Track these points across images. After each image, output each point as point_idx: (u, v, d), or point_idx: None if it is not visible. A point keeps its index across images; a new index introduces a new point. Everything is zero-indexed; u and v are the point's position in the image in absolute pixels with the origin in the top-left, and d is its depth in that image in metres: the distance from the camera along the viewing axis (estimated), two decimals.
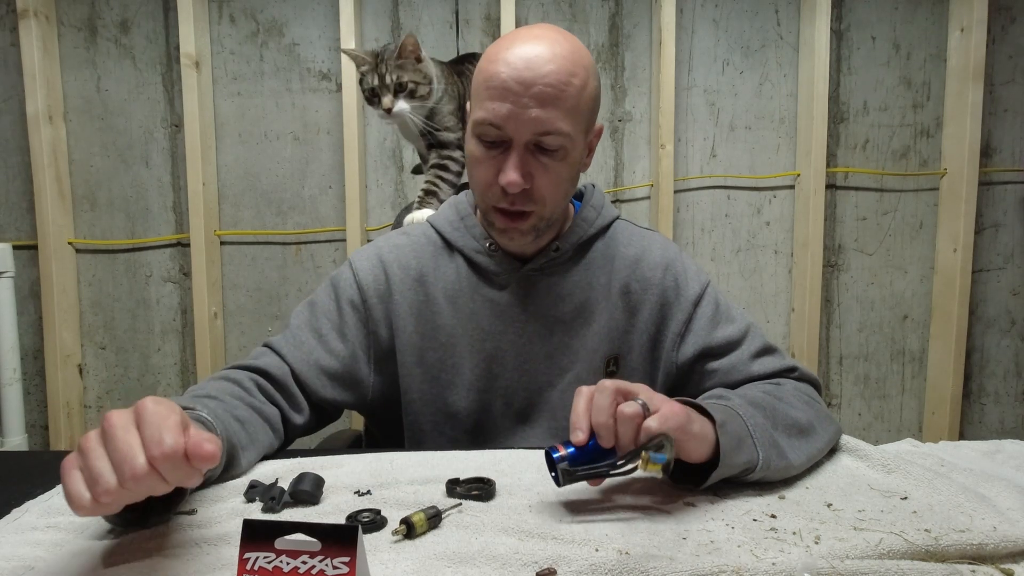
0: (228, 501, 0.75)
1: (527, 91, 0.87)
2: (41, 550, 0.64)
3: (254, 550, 0.52)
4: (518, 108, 0.88)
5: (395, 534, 0.65)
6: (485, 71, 0.90)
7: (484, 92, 0.90)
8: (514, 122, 0.88)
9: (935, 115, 2.13)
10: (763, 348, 1.00)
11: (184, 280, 2.08)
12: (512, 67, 0.88)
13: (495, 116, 0.89)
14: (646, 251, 1.04)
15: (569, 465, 0.70)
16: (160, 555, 0.63)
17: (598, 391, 0.70)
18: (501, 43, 0.92)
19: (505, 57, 0.89)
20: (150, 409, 0.54)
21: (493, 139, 0.91)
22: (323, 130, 2.06)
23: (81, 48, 2.03)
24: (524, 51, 0.89)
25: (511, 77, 0.88)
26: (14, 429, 1.95)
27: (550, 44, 0.90)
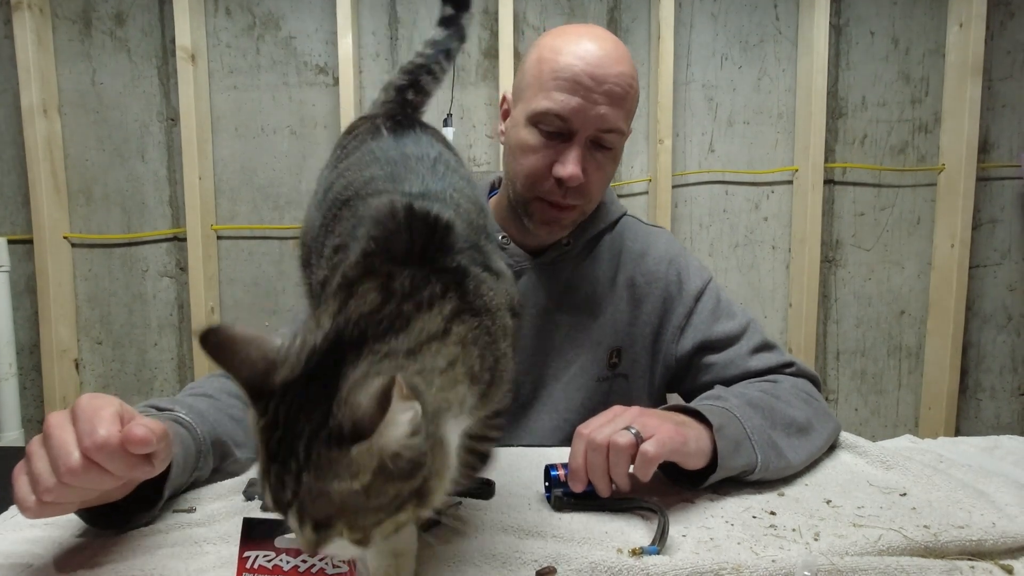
0: (227, 499, 0.75)
1: (599, 87, 0.89)
2: (39, 548, 0.64)
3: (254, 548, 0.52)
4: (588, 103, 0.89)
5: None
6: (552, 61, 0.91)
7: (552, 83, 0.90)
8: (582, 116, 0.90)
9: (933, 110, 2.13)
10: (762, 344, 1.00)
11: (181, 275, 2.08)
12: (585, 62, 0.89)
13: (563, 107, 0.89)
14: (651, 246, 1.05)
15: (563, 494, 0.72)
16: (159, 553, 0.62)
17: (591, 449, 0.71)
18: (563, 37, 0.93)
19: (575, 51, 0.90)
20: (84, 404, 0.55)
21: (554, 130, 0.91)
22: (320, 124, 2.05)
23: (76, 41, 2.01)
24: (594, 48, 0.90)
25: (584, 71, 0.89)
26: (10, 424, 1.94)
27: (615, 45, 0.93)
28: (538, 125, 0.92)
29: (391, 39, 2.05)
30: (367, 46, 2.04)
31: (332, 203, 0.64)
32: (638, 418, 0.72)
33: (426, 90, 0.83)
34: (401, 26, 2.04)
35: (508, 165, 0.99)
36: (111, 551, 0.63)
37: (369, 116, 0.76)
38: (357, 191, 0.62)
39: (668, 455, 0.70)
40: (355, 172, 0.65)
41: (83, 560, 0.61)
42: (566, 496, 0.72)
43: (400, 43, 2.04)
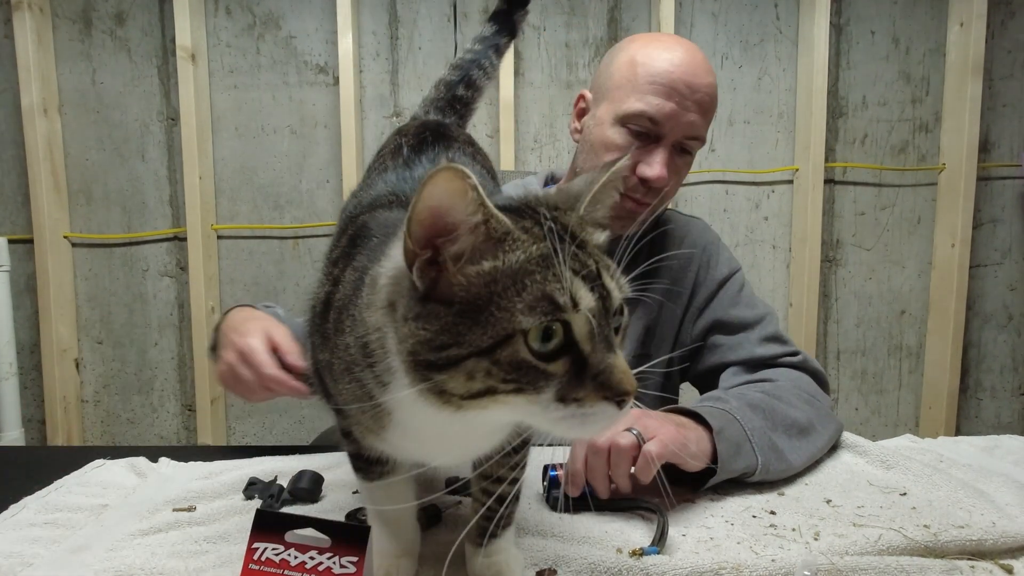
0: (228, 498, 0.75)
1: (692, 95, 0.94)
2: (39, 547, 0.64)
3: (263, 541, 0.52)
4: (681, 109, 0.94)
5: None
6: (648, 65, 0.95)
7: (647, 86, 0.94)
8: (674, 121, 0.94)
9: (934, 110, 2.12)
10: (774, 335, 1.01)
11: (181, 274, 2.07)
12: (682, 70, 0.94)
13: (657, 111, 0.93)
14: (689, 233, 1.10)
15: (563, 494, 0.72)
16: (159, 552, 0.62)
17: (591, 453, 0.71)
18: (656, 43, 0.98)
19: (670, 58, 0.94)
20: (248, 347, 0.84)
21: (643, 131, 0.95)
22: (320, 124, 2.05)
23: (76, 41, 2.01)
24: (688, 58, 0.95)
25: (681, 79, 0.93)
26: (11, 423, 1.94)
27: (704, 57, 0.97)
28: (627, 125, 0.95)
29: (391, 39, 2.04)
30: (367, 46, 2.04)
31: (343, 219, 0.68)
32: (639, 420, 0.72)
33: (477, 85, 0.85)
34: (401, 26, 2.04)
35: (586, 163, 1.02)
36: (111, 550, 0.63)
37: (401, 130, 0.76)
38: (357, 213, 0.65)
39: (670, 456, 0.70)
40: (364, 193, 0.68)
41: (83, 559, 0.61)
42: (565, 496, 0.72)
43: (400, 43, 2.04)
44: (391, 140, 0.74)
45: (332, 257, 0.59)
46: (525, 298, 0.40)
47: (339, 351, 0.51)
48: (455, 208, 0.41)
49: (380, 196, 0.63)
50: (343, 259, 0.56)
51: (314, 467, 0.79)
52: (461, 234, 0.42)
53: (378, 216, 0.58)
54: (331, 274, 0.56)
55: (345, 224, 0.62)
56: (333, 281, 0.55)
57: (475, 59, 0.84)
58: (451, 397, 0.42)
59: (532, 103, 2.07)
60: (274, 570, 0.51)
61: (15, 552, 0.62)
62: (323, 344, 0.54)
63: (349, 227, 0.60)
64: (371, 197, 0.64)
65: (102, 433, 2.12)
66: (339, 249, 0.58)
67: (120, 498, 0.76)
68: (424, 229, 0.41)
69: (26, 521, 0.69)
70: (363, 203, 0.64)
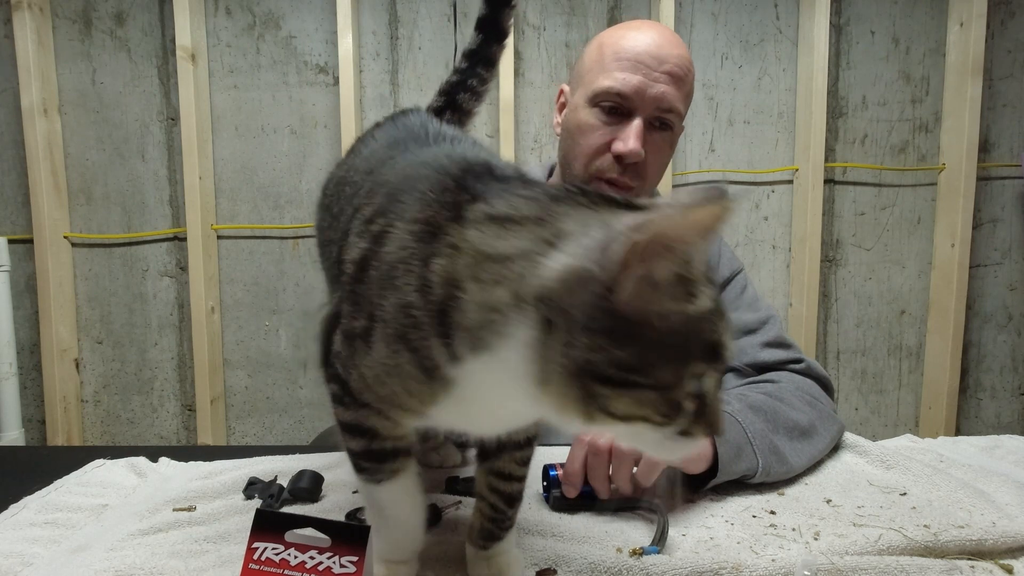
0: (227, 498, 0.75)
1: (659, 66, 0.93)
2: (39, 547, 0.64)
3: (263, 540, 0.52)
4: (649, 80, 0.93)
5: None
6: (612, 45, 0.95)
7: (613, 63, 0.93)
8: (642, 93, 0.93)
9: (934, 110, 2.12)
10: (777, 340, 1.00)
11: (181, 274, 2.07)
12: (646, 43, 0.94)
13: (624, 85, 0.93)
14: None
15: (562, 494, 0.72)
16: (159, 552, 0.62)
17: (592, 454, 0.71)
18: (624, 26, 0.99)
19: (635, 36, 0.94)
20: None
21: (614, 106, 0.94)
22: (320, 124, 2.05)
23: (76, 40, 2.01)
24: (654, 33, 0.96)
25: (646, 51, 0.93)
26: (11, 424, 1.94)
27: (672, 34, 0.98)
28: (599, 104, 0.95)
29: (391, 39, 2.04)
30: (367, 46, 2.04)
31: (337, 188, 0.70)
32: None
33: (464, 108, 0.82)
34: (401, 26, 2.04)
35: (566, 150, 1.01)
36: (111, 550, 0.63)
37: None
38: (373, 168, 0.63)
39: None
40: (361, 159, 0.68)
41: (83, 559, 0.61)
42: (564, 495, 0.72)
43: (400, 43, 2.04)
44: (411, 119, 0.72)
45: (365, 215, 0.54)
46: (703, 345, 0.41)
47: (388, 315, 0.46)
48: (701, 240, 0.39)
49: (426, 161, 0.57)
50: (383, 215, 0.51)
51: (314, 467, 0.79)
52: (679, 264, 0.40)
53: (438, 180, 0.52)
54: (367, 232, 0.51)
55: (372, 183, 0.57)
56: (373, 238, 0.50)
57: (460, 80, 0.81)
58: (601, 412, 0.41)
59: (532, 103, 2.07)
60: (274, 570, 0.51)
61: (15, 552, 0.62)
62: (357, 309, 0.49)
63: (378, 186, 0.56)
64: (411, 160, 0.59)
65: (102, 433, 2.12)
66: (373, 206, 0.53)
67: (120, 498, 0.76)
68: (661, 246, 0.38)
69: (26, 521, 0.69)
70: (393, 166, 0.60)
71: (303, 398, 2.11)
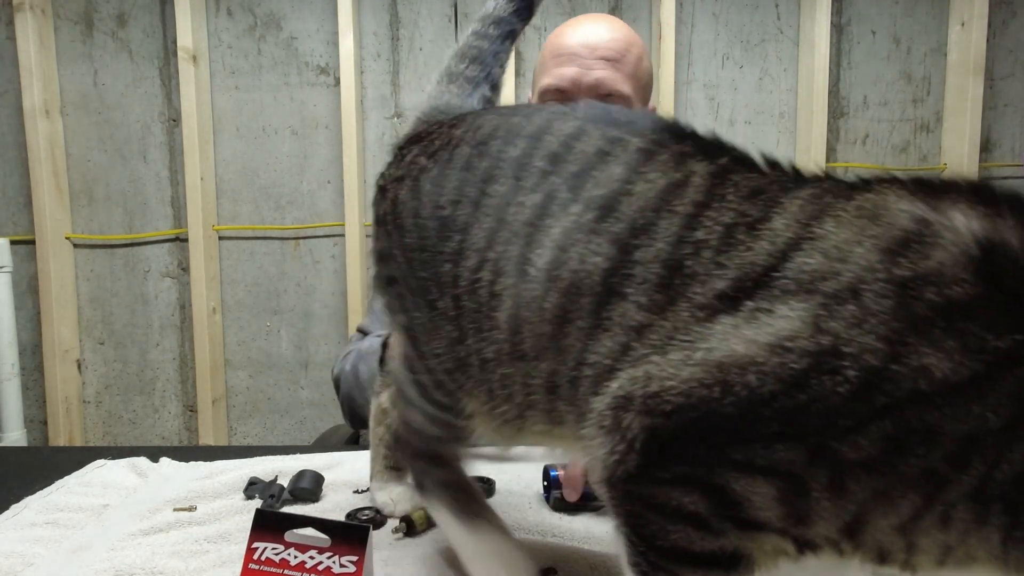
0: (228, 498, 0.75)
1: (592, 54, 0.94)
2: (40, 547, 0.64)
3: (263, 540, 0.52)
4: (584, 70, 0.94)
5: (396, 532, 0.65)
6: (552, 44, 0.97)
7: (551, 62, 0.95)
8: (577, 84, 0.94)
9: (935, 110, 2.12)
10: None
11: (182, 275, 2.08)
12: (578, 35, 0.96)
13: (561, 79, 0.94)
14: None
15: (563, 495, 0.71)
16: (160, 551, 0.63)
17: None
18: (565, 24, 1.00)
19: (570, 31, 0.96)
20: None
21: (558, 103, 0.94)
22: (321, 124, 2.05)
23: (77, 42, 2.02)
24: (588, 24, 0.98)
25: (577, 43, 0.95)
26: (13, 424, 1.94)
27: (610, 21, 0.99)
28: (545, 103, 0.95)
29: (392, 40, 2.05)
30: (368, 46, 2.04)
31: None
32: None
33: (496, 87, 0.72)
34: (402, 26, 2.05)
35: None
36: (112, 550, 0.63)
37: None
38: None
39: None
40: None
41: (84, 559, 0.61)
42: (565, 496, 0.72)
43: (401, 43, 2.05)
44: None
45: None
46: None
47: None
48: None
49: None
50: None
51: (315, 467, 0.79)
52: None
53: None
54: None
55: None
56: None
57: (494, 50, 0.69)
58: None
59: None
60: (274, 570, 0.51)
61: (16, 552, 0.62)
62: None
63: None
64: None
65: (104, 434, 2.12)
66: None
67: (121, 498, 0.76)
68: None
69: (27, 521, 0.69)
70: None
71: (304, 399, 2.11)
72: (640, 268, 0.41)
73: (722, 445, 0.37)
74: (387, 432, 0.73)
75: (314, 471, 0.76)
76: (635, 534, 0.41)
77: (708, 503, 0.38)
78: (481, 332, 0.48)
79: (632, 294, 0.41)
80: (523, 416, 0.49)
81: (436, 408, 0.56)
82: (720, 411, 0.36)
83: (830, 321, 0.35)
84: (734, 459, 0.37)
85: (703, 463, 0.38)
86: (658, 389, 0.38)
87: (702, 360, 0.37)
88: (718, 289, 0.39)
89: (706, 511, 0.38)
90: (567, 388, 0.45)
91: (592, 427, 0.41)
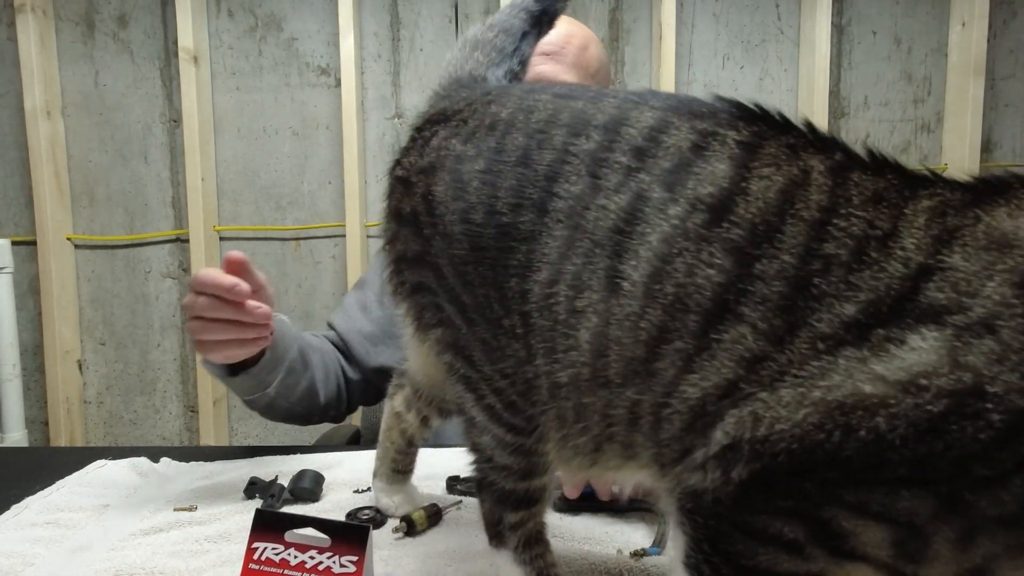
0: (228, 498, 0.75)
1: (537, 53, 0.95)
2: (40, 547, 0.64)
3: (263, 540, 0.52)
4: (529, 71, 0.95)
5: (396, 531, 0.65)
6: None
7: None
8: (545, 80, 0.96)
9: (936, 110, 2.12)
10: None
11: (183, 276, 2.08)
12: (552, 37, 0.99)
13: (538, 76, 0.96)
14: None
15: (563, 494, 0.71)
16: (160, 551, 0.63)
17: None
18: None
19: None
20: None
21: None
22: (322, 125, 2.06)
23: (79, 43, 2.02)
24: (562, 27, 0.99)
25: (550, 42, 0.96)
26: (14, 425, 1.94)
27: (563, 22, 0.99)
28: None
29: (393, 40, 2.05)
30: (369, 47, 2.05)
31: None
32: None
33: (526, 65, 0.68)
34: (403, 27, 2.05)
35: None
36: (112, 549, 0.63)
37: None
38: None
39: None
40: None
41: (84, 559, 0.62)
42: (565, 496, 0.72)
43: (402, 44, 2.05)
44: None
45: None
46: None
47: None
48: None
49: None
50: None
51: (315, 467, 0.79)
52: None
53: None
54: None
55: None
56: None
57: (525, 32, 0.66)
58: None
59: None
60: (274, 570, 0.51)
61: (16, 552, 0.62)
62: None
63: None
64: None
65: (105, 434, 2.13)
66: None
67: (121, 498, 0.76)
68: None
69: (28, 521, 0.69)
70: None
71: None
72: (760, 284, 0.36)
73: (835, 485, 0.33)
74: (401, 437, 0.71)
75: (314, 471, 0.76)
76: (712, 547, 0.37)
77: (808, 532, 0.35)
78: (554, 354, 0.42)
79: (748, 315, 0.35)
80: (599, 449, 0.44)
81: (508, 432, 0.49)
82: (838, 456, 0.32)
83: (968, 356, 0.31)
84: (847, 500, 0.33)
85: (810, 499, 0.34)
86: (767, 433, 0.34)
87: (820, 400, 0.33)
88: (846, 316, 0.34)
89: (804, 539, 0.35)
90: (649, 421, 0.40)
91: (685, 471, 0.38)
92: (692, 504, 0.38)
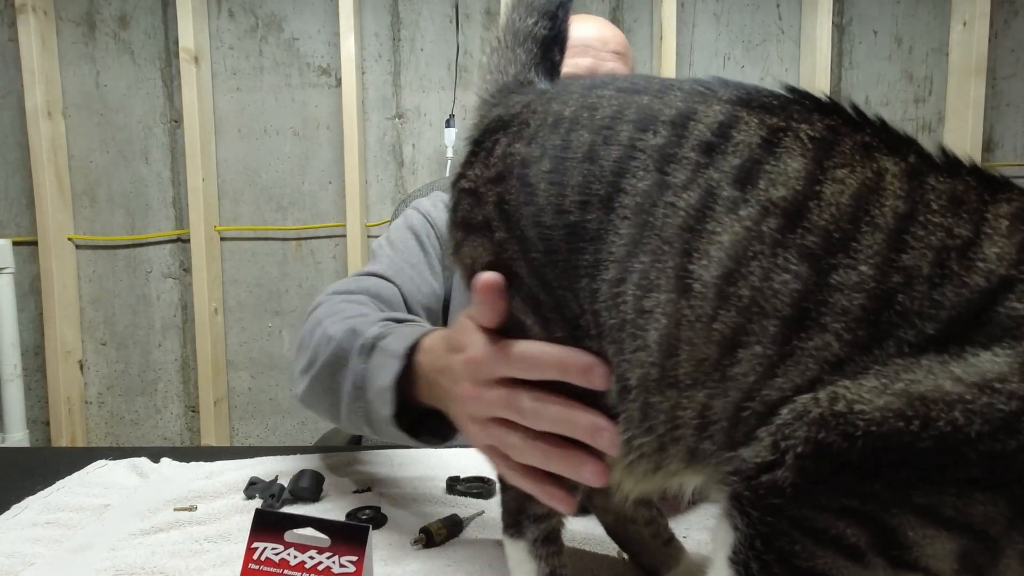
0: (228, 498, 0.75)
1: (605, 47, 0.99)
2: (41, 547, 0.64)
3: (263, 540, 0.52)
4: (598, 61, 0.98)
5: (415, 544, 0.65)
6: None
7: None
8: (594, 73, 0.97)
9: (937, 110, 2.12)
10: None
11: (184, 276, 2.08)
12: (587, 30, 1.00)
13: (576, 69, 0.96)
14: None
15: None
16: (160, 551, 0.63)
17: None
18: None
19: (579, 26, 0.98)
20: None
21: None
22: (323, 125, 2.06)
23: (80, 43, 2.02)
24: (592, 22, 1.03)
25: (591, 36, 0.99)
26: (15, 425, 1.95)
27: (606, 21, 1.07)
28: None
29: (393, 40, 2.05)
30: (369, 47, 2.05)
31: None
32: None
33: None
34: (403, 27, 2.05)
35: None
36: (112, 549, 0.63)
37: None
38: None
39: None
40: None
41: (85, 558, 0.62)
42: None
43: (403, 44, 2.05)
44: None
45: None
46: None
47: None
48: None
49: None
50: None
51: (315, 467, 0.79)
52: None
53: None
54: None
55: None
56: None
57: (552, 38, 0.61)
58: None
59: None
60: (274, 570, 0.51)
61: (17, 552, 0.62)
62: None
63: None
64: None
65: (106, 434, 2.13)
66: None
67: (122, 498, 0.76)
68: None
69: (28, 521, 0.69)
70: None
71: None
72: (840, 296, 0.35)
73: (906, 485, 0.33)
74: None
75: (314, 471, 0.76)
76: (766, 545, 0.36)
77: (871, 538, 0.34)
78: (623, 354, 0.41)
79: (831, 325, 0.35)
80: (663, 450, 0.42)
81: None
82: (915, 446, 0.32)
83: None
84: (916, 503, 0.33)
85: (879, 501, 0.34)
86: (845, 410, 0.33)
87: (902, 391, 0.33)
88: (930, 332, 0.34)
89: (866, 545, 0.34)
90: (723, 426, 0.38)
91: (745, 452, 0.37)
92: (750, 496, 0.36)
